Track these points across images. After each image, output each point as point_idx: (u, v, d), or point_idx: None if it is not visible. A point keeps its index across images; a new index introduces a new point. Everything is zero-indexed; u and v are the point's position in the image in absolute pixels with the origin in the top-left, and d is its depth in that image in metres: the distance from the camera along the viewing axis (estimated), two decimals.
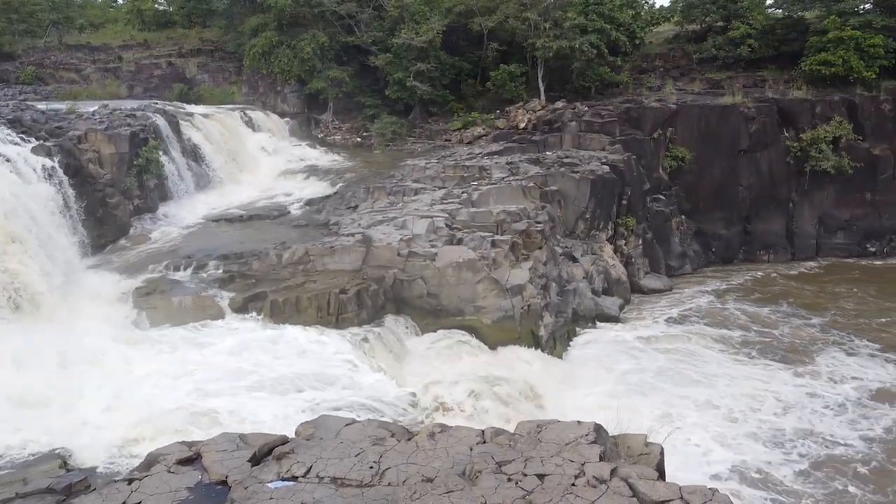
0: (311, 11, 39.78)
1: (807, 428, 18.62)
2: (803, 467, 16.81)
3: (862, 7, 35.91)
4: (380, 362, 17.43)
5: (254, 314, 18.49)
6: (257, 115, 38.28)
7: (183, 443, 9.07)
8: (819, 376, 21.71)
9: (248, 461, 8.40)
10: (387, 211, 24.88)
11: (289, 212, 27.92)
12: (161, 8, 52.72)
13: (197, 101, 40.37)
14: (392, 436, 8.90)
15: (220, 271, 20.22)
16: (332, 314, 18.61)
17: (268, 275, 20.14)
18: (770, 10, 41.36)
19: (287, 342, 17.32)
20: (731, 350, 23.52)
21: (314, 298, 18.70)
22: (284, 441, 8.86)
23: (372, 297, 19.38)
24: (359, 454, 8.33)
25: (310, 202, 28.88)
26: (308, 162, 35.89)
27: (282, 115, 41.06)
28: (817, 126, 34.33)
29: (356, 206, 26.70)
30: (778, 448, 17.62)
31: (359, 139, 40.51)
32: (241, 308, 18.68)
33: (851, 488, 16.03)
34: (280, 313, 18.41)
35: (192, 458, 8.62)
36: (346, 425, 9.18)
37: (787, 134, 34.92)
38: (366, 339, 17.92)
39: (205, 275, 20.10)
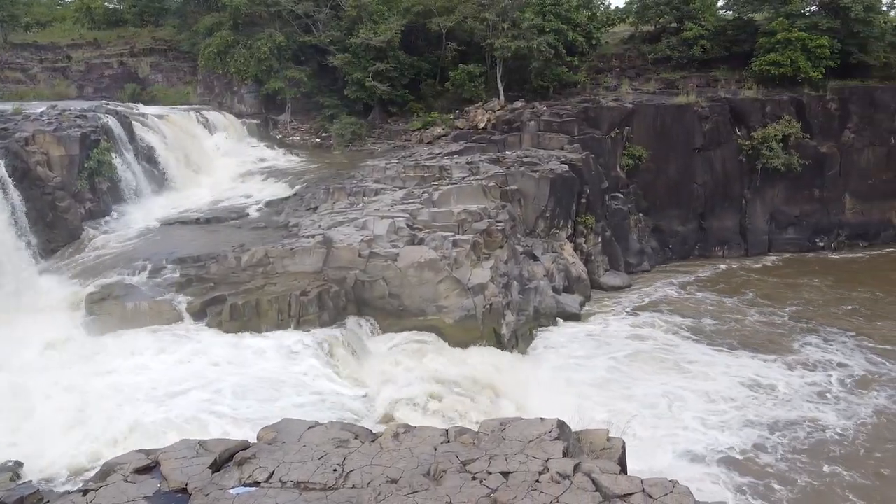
0: (268, 10, 39.27)
1: (784, 414, 19.15)
2: (782, 452, 17.27)
3: (808, 9, 37.02)
4: (342, 364, 17.31)
5: (213, 318, 18.16)
6: (214, 115, 37.62)
7: (140, 451, 8.86)
8: (791, 362, 22.45)
9: (209, 468, 8.25)
10: (347, 212, 24.70)
11: (247, 214, 27.52)
12: (111, 6, 51.28)
13: (150, 102, 39.47)
14: (356, 437, 8.84)
15: (178, 275, 19.83)
16: (293, 317, 18.41)
17: (227, 278, 19.82)
18: (721, 12, 42.30)
19: (247, 346, 17.08)
20: (694, 341, 24.13)
21: (274, 301, 18.46)
22: (246, 446, 8.72)
23: (333, 299, 19.22)
24: (322, 457, 8.25)
25: (269, 204, 28.50)
26: (267, 163, 35.42)
27: (239, 115, 40.44)
28: (768, 125, 35.32)
29: (316, 208, 26.46)
30: (755, 433, 18.05)
31: (318, 140, 40.15)
32: (199, 312, 18.34)
33: (829, 468, 16.51)
34: (240, 317, 18.13)
35: (150, 466, 8.43)
36: (309, 428, 9.08)
37: (739, 132, 35.84)
38: (327, 342, 17.75)
39: (161, 279, 19.69)
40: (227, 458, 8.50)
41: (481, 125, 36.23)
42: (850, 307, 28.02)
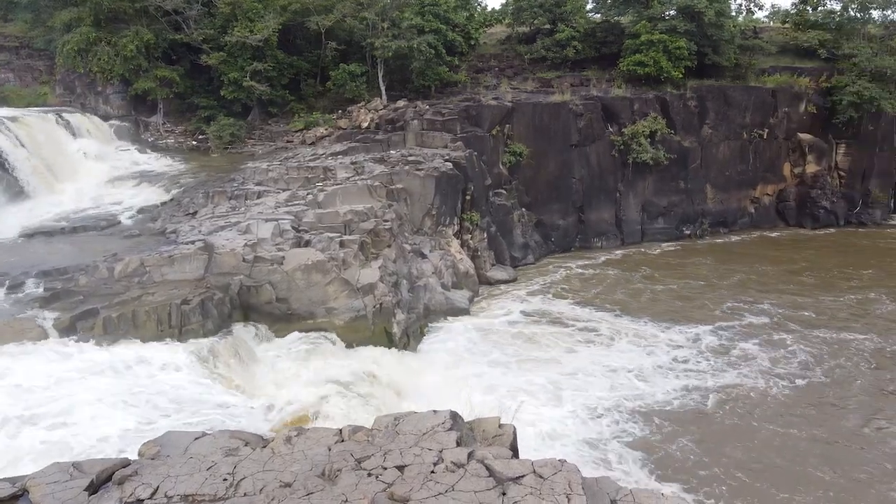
0: (133, 6, 37.01)
1: (661, 392, 20.41)
2: (666, 430, 18.33)
3: (667, 14, 39.59)
4: (230, 373, 16.70)
5: (84, 333, 16.96)
6: (77, 118, 35.08)
7: (4, 479, 8.15)
8: (671, 340, 24.03)
9: (85, 490, 7.73)
10: (229, 216, 23.87)
11: (119, 221, 25.94)
12: None
13: (1, 103, 36.27)
14: (246, 444, 8.58)
15: (41, 290, 18.36)
16: (175, 326, 17.53)
17: (98, 290, 18.57)
18: (590, 15, 44.44)
19: (124, 360, 16.04)
20: (578, 329, 25.27)
21: (153, 311, 17.50)
22: (126, 463, 8.24)
23: (217, 306, 18.50)
24: (210, 467, 7.95)
25: (143, 210, 27.01)
26: (139, 168, 33.51)
27: (105, 117, 37.94)
28: (636, 121, 37.53)
29: (195, 213, 25.38)
30: (636, 411, 19.12)
31: (194, 142, 38.43)
32: (68, 328, 17.04)
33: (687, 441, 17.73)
34: (115, 330, 17.02)
35: (17, 495, 7.78)
36: (196, 439, 8.73)
37: (611, 129, 37.82)
38: (213, 350, 17.06)
39: (21, 295, 18.15)
40: (106, 478, 8.00)
41: (364, 125, 36.09)
42: (737, 279, 31.17)
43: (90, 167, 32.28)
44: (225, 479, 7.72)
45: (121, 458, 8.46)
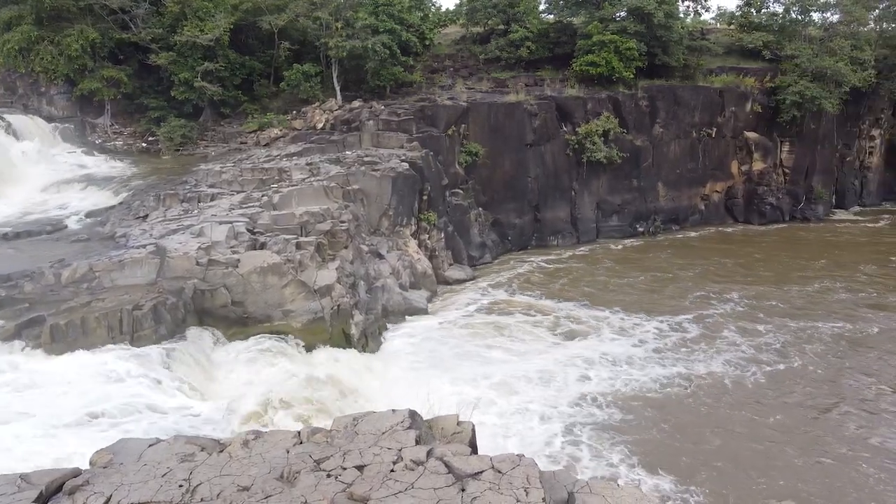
0: (77, 4, 35.94)
1: (621, 381, 20.80)
2: (618, 415, 18.69)
3: (618, 15, 40.32)
4: (185, 378, 16.36)
5: (30, 342, 16.42)
6: (19, 119, 33.96)
7: None
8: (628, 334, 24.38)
9: (34, 502, 7.50)
10: (181, 219, 23.42)
11: (66, 226, 25.21)
12: None
13: None
14: (202, 450, 8.45)
15: None
16: (126, 333, 17.11)
17: (45, 297, 18.00)
18: (543, 15, 44.94)
19: (73, 369, 15.61)
20: (534, 325, 25.60)
21: (103, 318, 17.05)
22: (77, 473, 8.02)
23: (171, 311, 18.13)
24: (165, 474, 7.81)
25: (91, 214, 26.32)
26: (86, 171, 32.63)
27: (49, 119, 36.80)
28: (590, 121, 38.13)
29: (146, 216, 24.82)
30: (591, 404, 19.40)
31: (144, 144, 37.57)
32: (12, 336, 16.48)
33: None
34: (63, 338, 16.53)
35: None
36: (150, 446, 8.55)
37: (565, 128, 38.34)
38: (167, 356, 16.71)
39: None
40: (56, 488, 7.78)
41: (319, 125, 35.83)
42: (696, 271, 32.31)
43: (34, 170, 31.30)
44: (181, 486, 7.59)
45: (71, 467, 8.23)
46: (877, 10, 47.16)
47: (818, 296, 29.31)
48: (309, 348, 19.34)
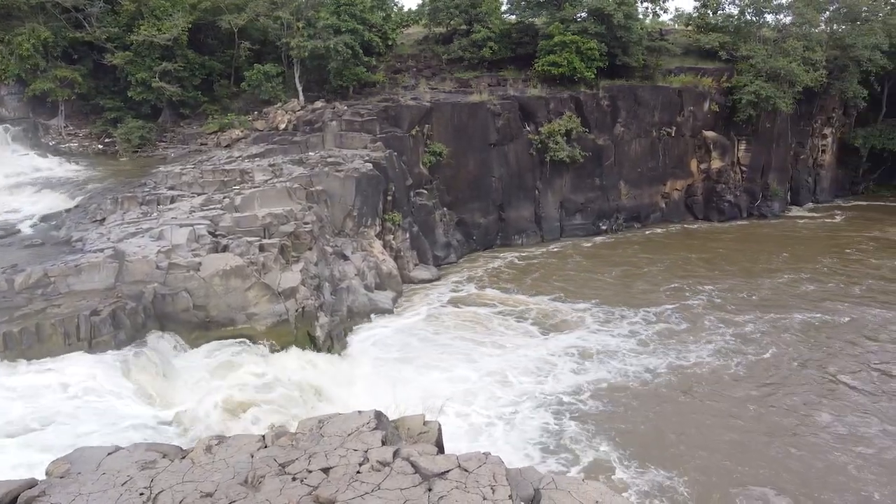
0: (28, 2, 34.94)
1: (584, 378, 20.98)
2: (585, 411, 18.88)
3: (579, 15, 40.74)
4: (145, 385, 16.04)
5: None
6: None
7: None
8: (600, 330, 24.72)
9: None
10: (140, 222, 22.94)
11: (18, 230, 24.48)
12: None
13: None
14: (164, 456, 8.30)
15: None
16: (84, 339, 16.69)
17: None
18: (505, 16, 45.17)
19: (28, 377, 15.18)
20: (499, 323, 25.72)
21: (60, 324, 16.61)
22: (33, 484, 7.81)
23: (130, 316, 17.74)
24: (126, 482, 7.65)
25: (45, 218, 25.61)
26: (39, 173, 31.74)
27: (0, 120, 35.72)
28: (552, 120, 38.46)
29: (103, 220, 24.25)
30: (557, 401, 19.51)
31: (101, 146, 36.70)
32: None
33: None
34: (17, 345, 16.05)
35: None
36: (109, 454, 8.37)
37: (528, 128, 38.61)
38: (126, 362, 16.35)
39: None
40: (10, 501, 7.56)
41: (282, 126, 35.45)
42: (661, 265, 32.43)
43: None
44: (141, 494, 7.45)
45: (27, 478, 8.00)
46: (827, 12, 48.50)
47: (788, 288, 30.27)
48: (273, 352, 19.13)
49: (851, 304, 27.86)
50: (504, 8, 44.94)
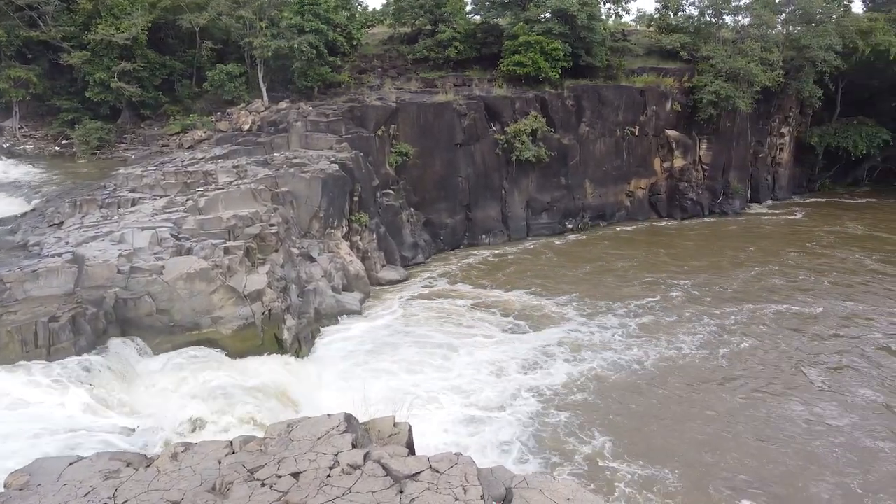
0: None
1: (553, 377, 21.13)
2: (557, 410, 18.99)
3: (543, 16, 41.04)
4: (108, 393, 15.65)
5: None
6: None
7: None
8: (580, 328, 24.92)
9: None
10: (100, 225, 22.39)
11: None
12: None
13: None
14: (128, 465, 8.10)
15: None
16: (42, 346, 16.22)
17: None
18: (470, 16, 45.31)
19: None
20: (467, 325, 25.67)
21: (16, 331, 16.11)
22: None
23: (91, 322, 17.30)
24: (88, 493, 7.45)
25: (0, 222, 24.83)
26: None
27: None
28: (518, 120, 38.66)
29: (61, 223, 23.61)
30: (531, 398, 19.61)
31: (58, 148, 35.82)
32: None
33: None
34: None
35: None
36: (70, 465, 8.14)
37: (494, 128, 38.75)
38: (87, 370, 15.93)
39: None
40: None
41: (246, 127, 35.02)
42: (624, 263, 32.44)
43: None
44: None
45: None
46: (783, 14, 49.69)
47: (758, 281, 31.04)
48: (240, 356, 18.84)
49: (819, 296, 28.69)
50: (469, 8, 45.11)
